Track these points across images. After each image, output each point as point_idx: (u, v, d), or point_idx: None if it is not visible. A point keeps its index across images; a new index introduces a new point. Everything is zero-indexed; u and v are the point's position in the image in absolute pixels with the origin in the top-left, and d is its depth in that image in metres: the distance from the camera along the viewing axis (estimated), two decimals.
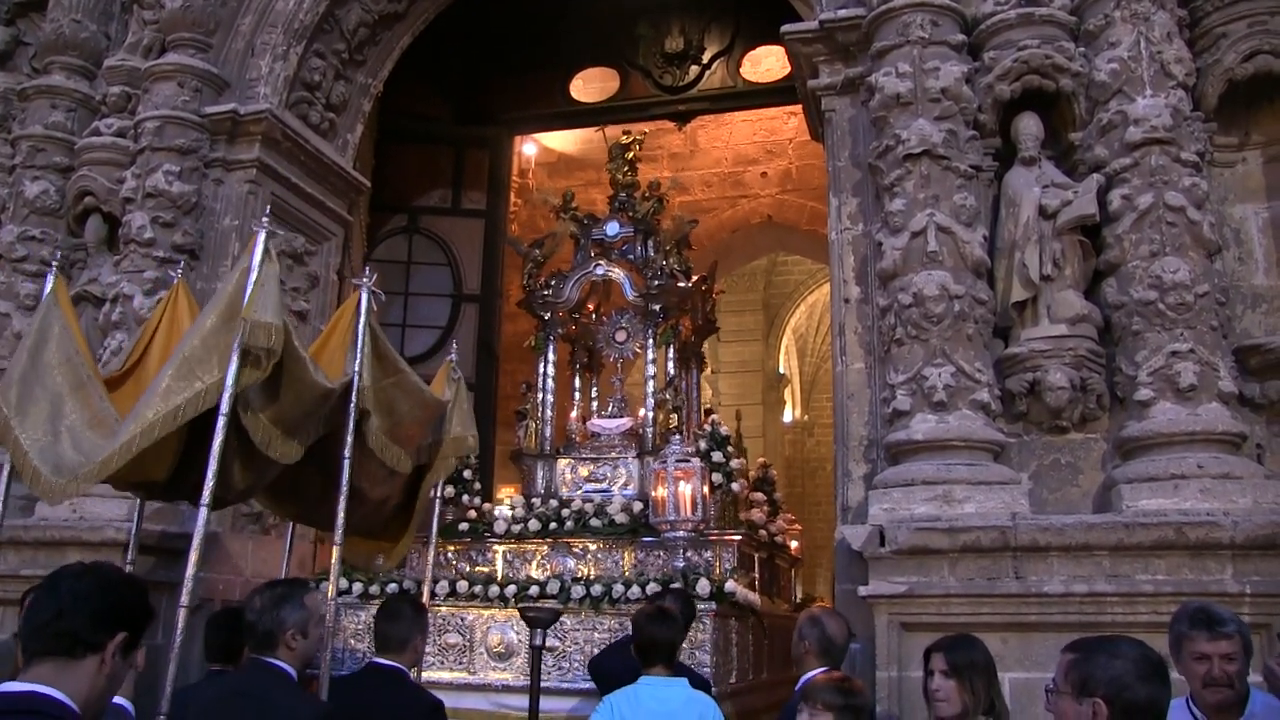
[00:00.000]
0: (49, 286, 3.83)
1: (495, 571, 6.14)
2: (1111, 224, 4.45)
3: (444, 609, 5.74)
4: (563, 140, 12.86)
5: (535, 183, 13.00)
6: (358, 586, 5.91)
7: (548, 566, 6.06)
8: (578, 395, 7.52)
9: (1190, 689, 2.87)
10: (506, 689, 5.57)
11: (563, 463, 6.87)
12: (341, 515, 3.65)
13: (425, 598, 4.80)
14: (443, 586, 5.80)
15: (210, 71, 6.26)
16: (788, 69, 7.74)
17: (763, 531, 6.76)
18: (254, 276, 3.22)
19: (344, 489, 3.62)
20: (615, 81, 9.60)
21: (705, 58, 9.28)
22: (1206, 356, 4.20)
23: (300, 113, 6.61)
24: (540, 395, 7.08)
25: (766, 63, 9.31)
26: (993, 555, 4.10)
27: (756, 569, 6.38)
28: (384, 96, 7.48)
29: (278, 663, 2.93)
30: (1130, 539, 3.98)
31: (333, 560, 3.73)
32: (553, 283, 7.15)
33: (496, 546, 6.25)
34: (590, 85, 9.70)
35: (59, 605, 1.87)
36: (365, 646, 5.52)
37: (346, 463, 3.62)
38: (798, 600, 7.65)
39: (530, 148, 12.79)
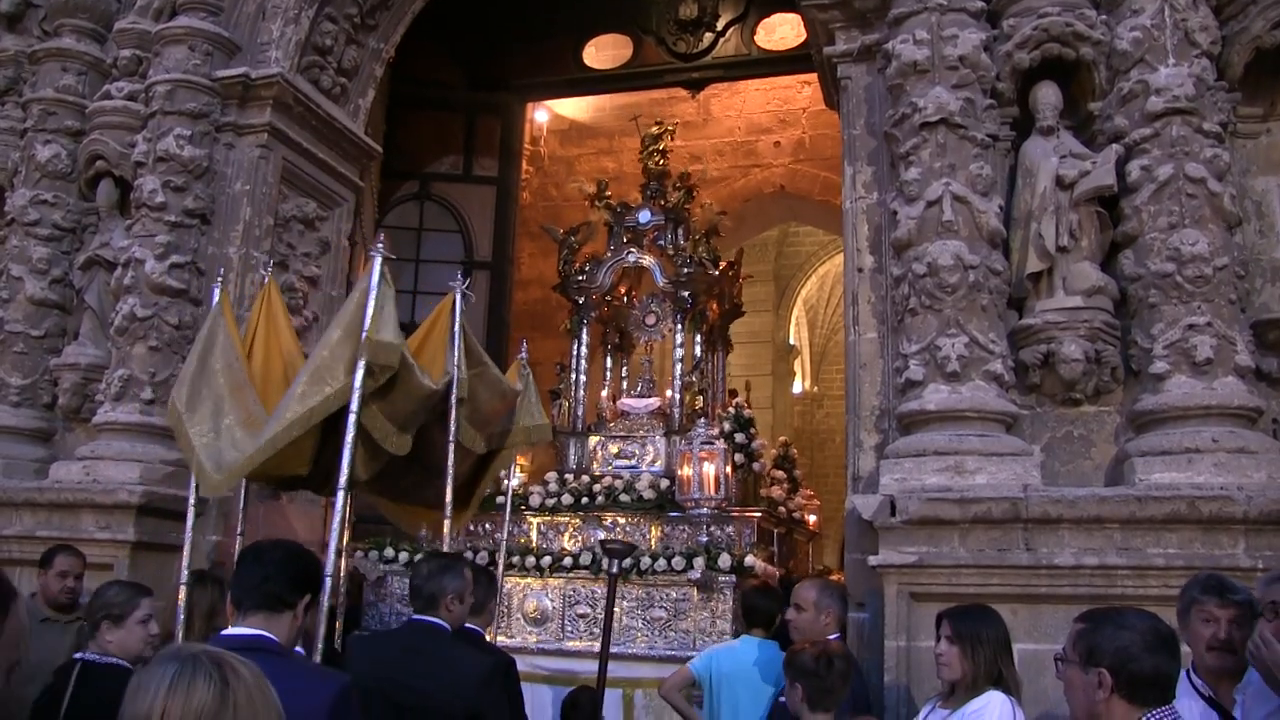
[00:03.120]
0: (215, 298, 4.42)
1: (530, 542, 6.49)
2: (1130, 195, 4.38)
3: None
4: (575, 107, 12.76)
5: (547, 150, 12.93)
6: (404, 555, 6.40)
7: (579, 539, 6.40)
8: (609, 375, 7.78)
9: (1194, 655, 2.89)
10: (541, 651, 6.03)
11: (594, 440, 7.18)
12: (450, 493, 4.17)
13: (500, 568, 5.25)
14: (482, 556, 6.11)
15: (221, 35, 6.20)
16: (802, 36, 7.66)
17: (782, 508, 7.05)
18: (373, 296, 3.71)
19: (450, 470, 4.14)
20: (628, 48, 9.53)
21: (719, 25, 9.20)
22: (1224, 330, 4.15)
23: (312, 77, 6.56)
24: (573, 375, 7.39)
25: (781, 30, 9.22)
26: (1004, 527, 4.09)
27: (775, 543, 6.67)
28: (396, 61, 7.42)
29: (439, 621, 3.30)
30: (1142, 512, 3.96)
31: (445, 532, 4.20)
32: (587, 268, 7.44)
33: (531, 519, 6.59)
34: (603, 52, 9.63)
35: (265, 571, 2.40)
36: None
37: (452, 445, 4.15)
38: (814, 571, 7.88)
39: (542, 114, 12.70)
